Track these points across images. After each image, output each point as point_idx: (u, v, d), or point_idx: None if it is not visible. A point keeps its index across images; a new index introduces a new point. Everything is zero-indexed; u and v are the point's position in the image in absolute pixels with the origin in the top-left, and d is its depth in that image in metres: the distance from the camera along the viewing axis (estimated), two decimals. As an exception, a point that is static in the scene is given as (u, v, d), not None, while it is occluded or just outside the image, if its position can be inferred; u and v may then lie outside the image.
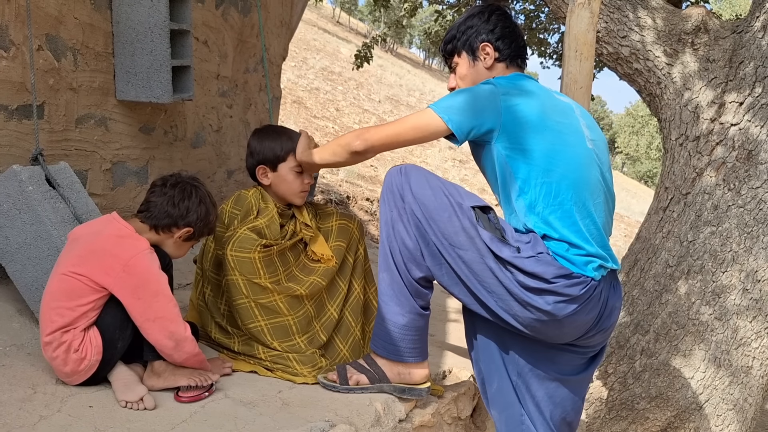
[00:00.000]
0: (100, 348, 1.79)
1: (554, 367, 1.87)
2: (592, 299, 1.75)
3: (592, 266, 1.74)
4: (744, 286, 2.61)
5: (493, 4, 2.01)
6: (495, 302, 1.76)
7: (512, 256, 1.71)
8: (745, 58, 2.68)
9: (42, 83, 2.36)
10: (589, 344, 1.87)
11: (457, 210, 1.76)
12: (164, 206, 1.88)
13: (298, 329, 2.12)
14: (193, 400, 1.81)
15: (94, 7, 2.58)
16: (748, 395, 2.68)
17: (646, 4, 2.99)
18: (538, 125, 1.77)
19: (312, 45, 21.64)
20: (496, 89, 1.80)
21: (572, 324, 1.75)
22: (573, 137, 1.82)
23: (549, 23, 8.48)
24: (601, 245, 1.80)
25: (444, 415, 2.17)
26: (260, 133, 2.26)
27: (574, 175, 1.78)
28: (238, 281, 2.05)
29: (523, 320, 1.75)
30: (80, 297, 1.76)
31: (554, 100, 1.88)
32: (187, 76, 2.87)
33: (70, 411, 1.68)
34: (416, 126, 1.82)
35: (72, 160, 2.52)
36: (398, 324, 1.90)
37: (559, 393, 1.88)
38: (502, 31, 1.96)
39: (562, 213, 1.76)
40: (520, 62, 2.01)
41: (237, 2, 3.70)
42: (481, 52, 1.96)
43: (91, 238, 1.82)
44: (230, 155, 3.82)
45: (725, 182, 2.66)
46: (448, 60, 2.05)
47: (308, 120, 11.68)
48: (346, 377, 1.98)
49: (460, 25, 2.00)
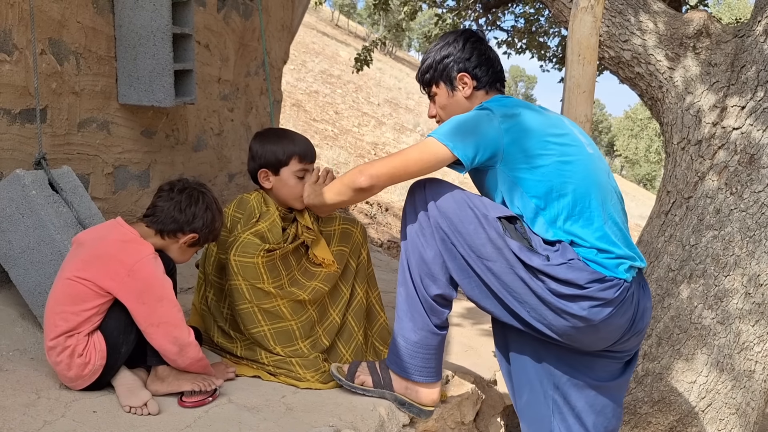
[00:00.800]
0: (104, 353, 1.78)
1: (592, 374, 1.85)
2: (625, 301, 1.74)
3: (623, 268, 1.75)
4: (746, 290, 2.61)
5: (467, 29, 1.99)
6: (527, 312, 1.75)
7: (543, 264, 1.70)
8: (747, 62, 2.68)
9: (45, 87, 2.36)
10: (624, 348, 1.85)
11: (483, 221, 1.74)
12: (171, 211, 1.88)
13: (301, 334, 2.11)
14: (196, 406, 1.80)
15: (96, 11, 2.58)
16: (750, 399, 2.68)
17: (648, 8, 3.00)
18: (540, 141, 1.78)
19: (311, 48, 21.65)
20: (492, 114, 1.80)
21: (608, 328, 1.74)
22: (574, 147, 1.82)
23: (549, 27, 8.49)
24: (627, 245, 1.80)
25: (447, 420, 2.17)
26: (262, 136, 2.26)
27: (587, 183, 1.78)
28: (242, 286, 2.05)
29: (558, 329, 1.74)
30: (85, 302, 1.76)
31: (544, 114, 1.89)
32: (189, 79, 2.87)
33: (74, 416, 1.68)
34: (421, 157, 1.78)
35: (74, 164, 2.52)
36: (410, 340, 1.88)
37: (599, 401, 1.86)
38: (479, 59, 1.93)
39: (585, 221, 1.76)
40: (498, 86, 1.99)
41: (238, 6, 3.71)
42: (459, 82, 1.94)
43: (95, 243, 1.82)
44: (231, 159, 3.82)
45: (727, 186, 2.67)
46: (426, 89, 2.03)
47: (307, 123, 11.69)
48: (354, 374, 1.99)
49: (436, 54, 1.96)
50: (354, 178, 1.84)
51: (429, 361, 1.90)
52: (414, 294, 1.86)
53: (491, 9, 8.10)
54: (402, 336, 1.89)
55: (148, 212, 1.91)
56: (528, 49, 8.95)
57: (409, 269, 1.86)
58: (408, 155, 1.80)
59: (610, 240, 1.76)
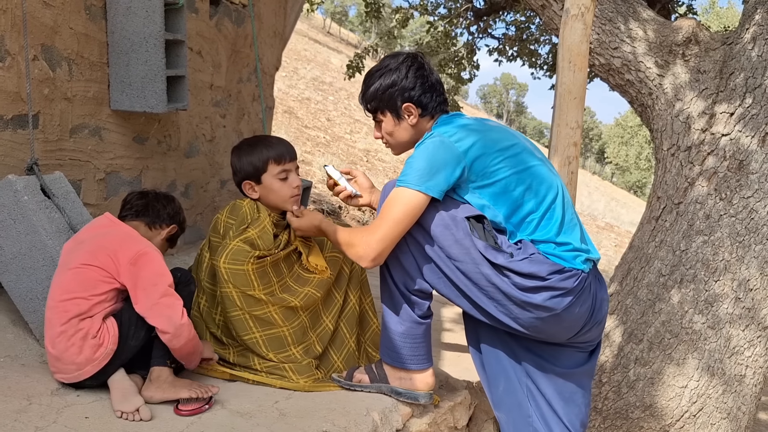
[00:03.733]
0: (117, 338, 1.85)
1: (558, 363, 1.97)
2: (584, 291, 1.85)
3: (580, 259, 1.86)
4: (736, 294, 2.63)
5: (409, 54, 2.00)
6: (495, 307, 1.85)
7: (507, 261, 1.81)
8: (736, 69, 2.71)
9: (37, 93, 2.36)
10: (587, 339, 1.96)
11: (450, 223, 1.84)
12: (156, 205, 2.12)
13: (294, 340, 2.11)
14: (193, 413, 1.80)
15: (89, 17, 2.58)
16: (741, 404, 2.69)
17: (638, 15, 3.03)
18: (495, 154, 1.85)
19: (303, 55, 21.69)
20: (446, 138, 1.85)
21: (570, 317, 1.85)
22: (524, 155, 1.90)
23: (540, 34, 8.55)
24: (581, 239, 1.91)
25: (441, 425, 2.17)
26: (237, 150, 2.28)
27: (544, 186, 1.88)
28: (232, 293, 2.05)
29: (524, 321, 1.85)
30: (95, 287, 1.86)
31: (491, 127, 1.95)
32: (182, 86, 2.87)
33: (66, 422, 1.67)
34: (406, 211, 1.82)
35: (66, 170, 2.51)
36: (397, 332, 1.98)
37: (567, 387, 1.98)
38: (423, 87, 1.95)
39: (545, 221, 1.87)
40: (443, 108, 2.01)
41: (231, 13, 3.71)
42: (404, 112, 1.96)
43: (98, 238, 1.94)
44: (223, 165, 3.82)
45: (717, 192, 2.69)
46: (371, 114, 2.04)
47: (299, 130, 11.69)
48: (352, 375, 2.09)
49: (380, 83, 1.96)
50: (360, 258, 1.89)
51: (417, 348, 1.99)
52: (395, 290, 1.96)
53: (482, 17, 8.16)
54: (389, 328, 2.00)
55: (139, 209, 2.10)
56: (519, 57, 9.01)
57: (388, 268, 1.95)
58: (394, 217, 1.83)
59: (566, 234, 1.87)
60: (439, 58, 9.30)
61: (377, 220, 1.87)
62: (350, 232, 1.96)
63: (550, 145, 2.63)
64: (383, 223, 1.85)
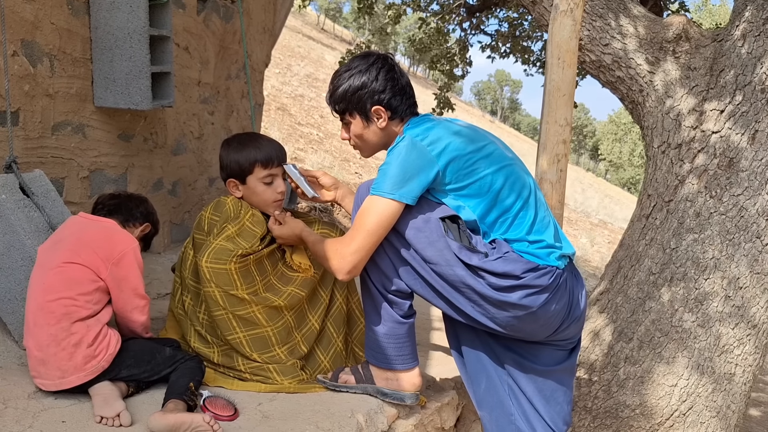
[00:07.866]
0: (112, 358, 1.83)
1: (538, 361, 1.96)
2: (560, 287, 1.84)
3: (554, 256, 1.85)
4: (726, 293, 2.62)
5: (379, 56, 1.95)
6: (472, 308, 1.84)
7: (481, 261, 1.79)
8: (726, 66, 2.69)
9: (17, 89, 2.31)
10: (566, 337, 1.96)
11: (423, 225, 1.82)
12: (129, 204, 2.12)
13: (278, 340, 2.09)
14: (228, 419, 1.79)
15: (71, 12, 2.54)
16: (731, 402, 2.68)
17: (628, 12, 3.00)
18: (468, 156, 1.83)
19: (296, 52, 21.62)
20: (418, 142, 1.82)
21: (546, 315, 1.83)
22: (496, 154, 1.88)
23: (533, 31, 8.52)
24: (554, 235, 1.90)
25: (427, 426, 2.14)
26: (227, 144, 2.24)
27: (517, 185, 1.87)
28: (215, 293, 2.02)
29: (501, 321, 1.84)
30: (80, 285, 1.83)
31: (462, 128, 1.92)
32: (168, 82, 2.84)
33: (43, 426, 1.64)
34: (379, 221, 1.80)
35: (48, 168, 2.47)
36: (380, 333, 1.97)
37: (547, 386, 1.97)
38: (393, 90, 1.91)
39: (519, 219, 1.86)
40: (412, 110, 1.98)
41: (219, 8, 3.67)
42: (374, 114, 1.93)
43: (78, 234, 1.92)
44: (212, 162, 3.78)
45: (707, 189, 2.67)
46: (339, 115, 2.00)
47: (292, 127, 11.64)
48: (337, 376, 2.07)
49: (348, 84, 1.92)
50: (336, 271, 1.88)
51: (402, 348, 1.98)
52: (374, 291, 1.94)
53: (475, 13, 8.12)
54: (372, 329, 1.98)
55: (111, 209, 2.08)
56: (512, 54, 8.97)
57: (366, 271, 1.93)
58: (367, 227, 1.81)
59: (539, 231, 1.86)
60: (431, 54, 9.27)
61: (351, 230, 1.86)
62: (326, 244, 1.93)
63: (539, 143, 2.60)
64: (357, 234, 1.83)
